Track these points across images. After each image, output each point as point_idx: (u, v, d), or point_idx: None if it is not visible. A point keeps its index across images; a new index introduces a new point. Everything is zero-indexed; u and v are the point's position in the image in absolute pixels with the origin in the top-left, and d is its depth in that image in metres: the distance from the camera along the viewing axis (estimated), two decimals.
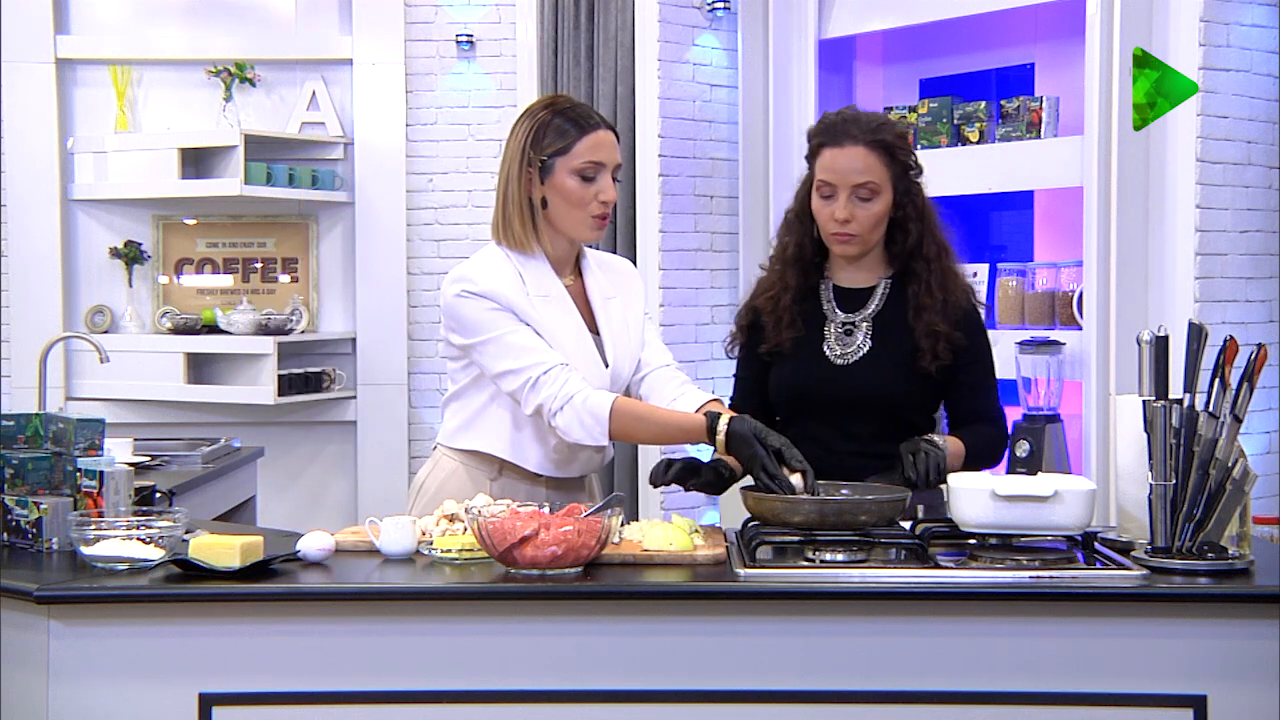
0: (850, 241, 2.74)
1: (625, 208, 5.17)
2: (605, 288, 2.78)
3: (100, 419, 2.65)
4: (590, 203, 2.64)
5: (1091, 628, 2.13)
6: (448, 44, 5.54)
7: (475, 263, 2.68)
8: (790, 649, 2.15)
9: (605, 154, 2.65)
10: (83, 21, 5.55)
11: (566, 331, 2.66)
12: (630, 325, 2.78)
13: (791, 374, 2.79)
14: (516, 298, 2.62)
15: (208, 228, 5.65)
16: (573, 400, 2.54)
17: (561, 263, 2.73)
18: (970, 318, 2.78)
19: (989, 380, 2.84)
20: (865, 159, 2.69)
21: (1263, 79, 4.15)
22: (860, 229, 2.72)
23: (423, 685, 2.15)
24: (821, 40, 4.98)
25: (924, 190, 2.79)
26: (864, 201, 2.71)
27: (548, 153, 2.63)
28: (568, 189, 2.63)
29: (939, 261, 2.76)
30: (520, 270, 2.66)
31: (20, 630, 2.18)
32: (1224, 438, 2.22)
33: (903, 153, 2.73)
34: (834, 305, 2.81)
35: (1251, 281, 4.15)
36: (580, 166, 2.63)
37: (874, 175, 2.70)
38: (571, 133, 2.63)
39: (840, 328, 2.79)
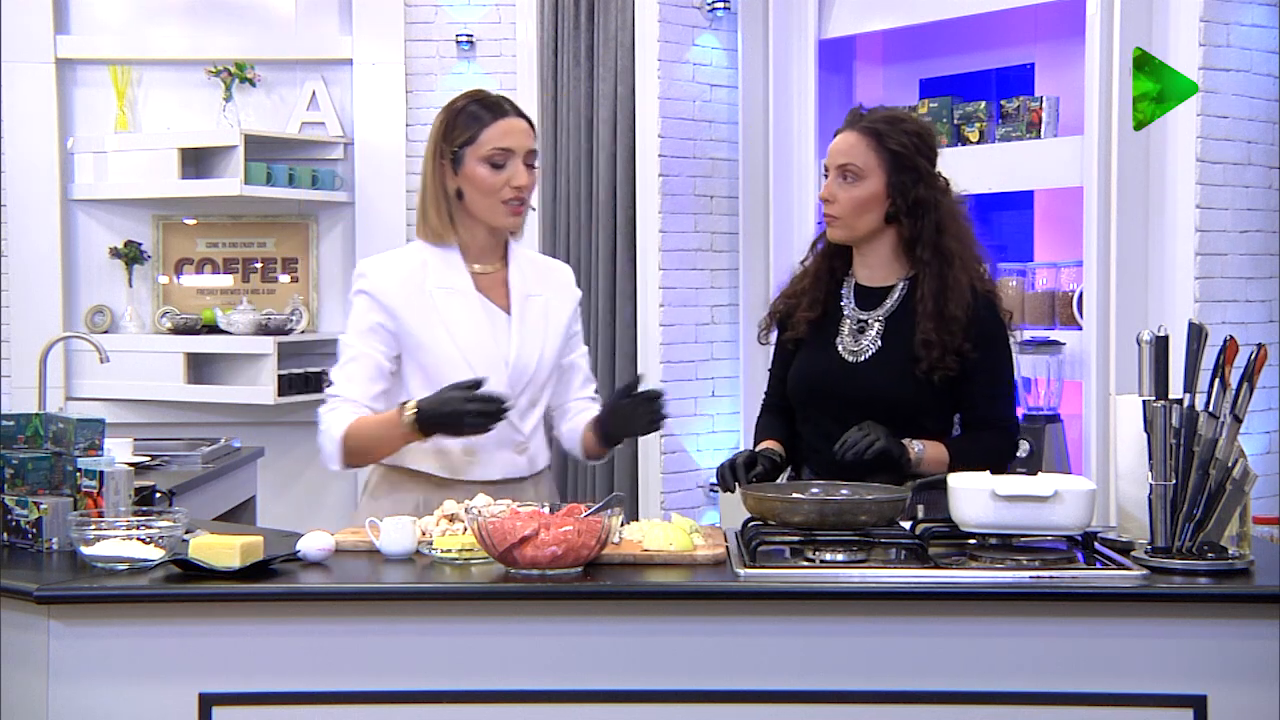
0: (834, 223, 2.79)
1: (625, 208, 5.17)
2: (531, 283, 2.79)
3: (100, 419, 2.65)
4: (502, 189, 2.68)
5: (1091, 628, 2.13)
6: (448, 44, 5.54)
7: (383, 255, 2.78)
8: (790, 649, 2.15)
9: (514, 140, 2.68)
10: (83, 21, 5.55)
11: (465, 325, 2.70)
12: (550, 327, 2.79)
13: (804, 366, 2.84)
14: (405, 295, 2.68)
15: (208, 228, 5.65)
16: (320, 428, 2.68)
17: (481, 252, 2.76)
18: (980, 326, 2.75)
19: (995, 389, 2.80)
20: (853, 141, 2.76)
21: (1263, 79, 4.15)
22: (841, 211, 2.76)
23: (423, 685, 2.15)
24: (821, 40, 4.98)
25: (933, 193, 2.78)
26: (846, 182, 2.75)
27: (458, 143, 2.68)
28: (478, 177, 2.68)
29: (938, 268, 2.75)
30: (429, 260, 2.72)
31: (20, 630, 2.18)
32: (1224, 438, 2.22)
33: (895, 141, 2.74)
34: (852, 302, 2.83)
35: (1251, 281, 4.15)
36: (489, 154, 2.67)
37: (856, 158, 2.74)
38: (481, 121, 2.68)
39: (855, 325, 2.80)
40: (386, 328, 2.69)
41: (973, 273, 2.78)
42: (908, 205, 2.75)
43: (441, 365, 2.67)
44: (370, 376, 2.69)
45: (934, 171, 2.80)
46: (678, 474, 5.14)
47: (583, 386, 2.90)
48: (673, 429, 5.08)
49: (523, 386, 2.72)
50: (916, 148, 2.77)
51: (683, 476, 5.17)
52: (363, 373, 2.69)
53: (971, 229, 2.85)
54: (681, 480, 5.16)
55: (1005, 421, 2.83)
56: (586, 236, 5.29)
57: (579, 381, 2.89)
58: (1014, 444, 2.87)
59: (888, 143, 2.74)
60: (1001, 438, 2.82)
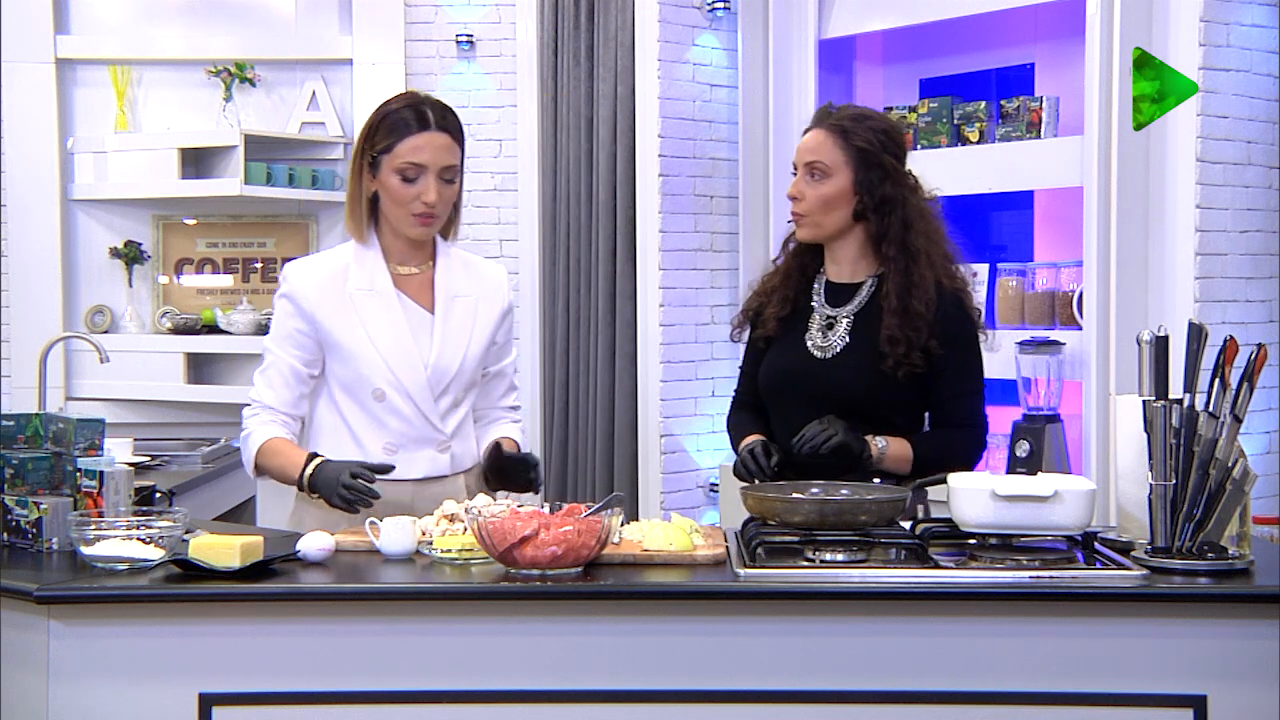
0: (801, 221, 2.80)
1: (625, 208, 5.17)
2: (459, 284, 2.80)
3: (100, 419, 2.65)
4: (411, 202, 2.69)
5: (1091, 628, 2.13)
6: (448, 44, 5.53)
7: (307, 259, 2.84)
8: (790, 649, 2.15)
9: (428, 156, 2.67)
10: (83, 21, 5.55)
11: (384, 327, 2.72)
12: (476, 328, 2.80)
13: (774, 362, 2.85)
14: (324, 298, 2.72)
15: (208, 228, 5.65)
16: (242, 435, 2.76)
17: (404, 254, 2.78)
18: (948, 323, 2.74)
19: (962, 386, 2.79)
20: (820, 139, 2.78)
21: (1263, 79, 4.14)
22: (808, 209, 2.77)
23: (423, 685, 2.15)
24: (821, 40, 4.98)
25: (900, 190, 2.77)
26: (813, 180, 2.76)
27: (377, 149, 2.70)
28: (390, 187, 2.69)
29: (904, 264, 2.74)
30: (351, 262, 2.75)
31: (20, 630, 2.18)
32: (1224, 438, 2.22)
33: (861, 139, 2.74)
34: (822, 299, 2.84)
35: (1251, 281, 4.15)
36: (400, 166, 2.67)
37: (823, 155, 2.75)
38: (397, 132, 2.68)
39: (824, 321, 2.81)
40: (304, 333, 2.73)
41: (940, 270, 2.77)
42: (875, 202, 2.75)
43: (361, 367, 2.71)
44: (287, 383, 2.74)
45: (901, 169, 2.80)
46: (678, 474, 5.14)
47: (503, 397, 2.93)
48: (673, 429, 5.09)
49: (444, 387, 2.74)
50: (883, 145, 2.77)
51: (683, 476, 5.17)
52: (280, 380, 2.74)
53: (942, 227, 2.85)
54: (681, 480, 5.16)
55: (973, 420, 2.82)
56: (586, 236, 5.29)
57: (500, 391, 2.92)
58: (981, 443, 2.84)
59: (854, 140, 2.74)
60: (968, 436, 2.81)
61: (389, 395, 2.71)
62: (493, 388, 2.90)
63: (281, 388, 2.74)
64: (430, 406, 2.73)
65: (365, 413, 2.73)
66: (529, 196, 5.46)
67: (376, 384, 2.71)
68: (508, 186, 5.51)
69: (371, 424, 2.73)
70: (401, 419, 2.72)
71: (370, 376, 2.70)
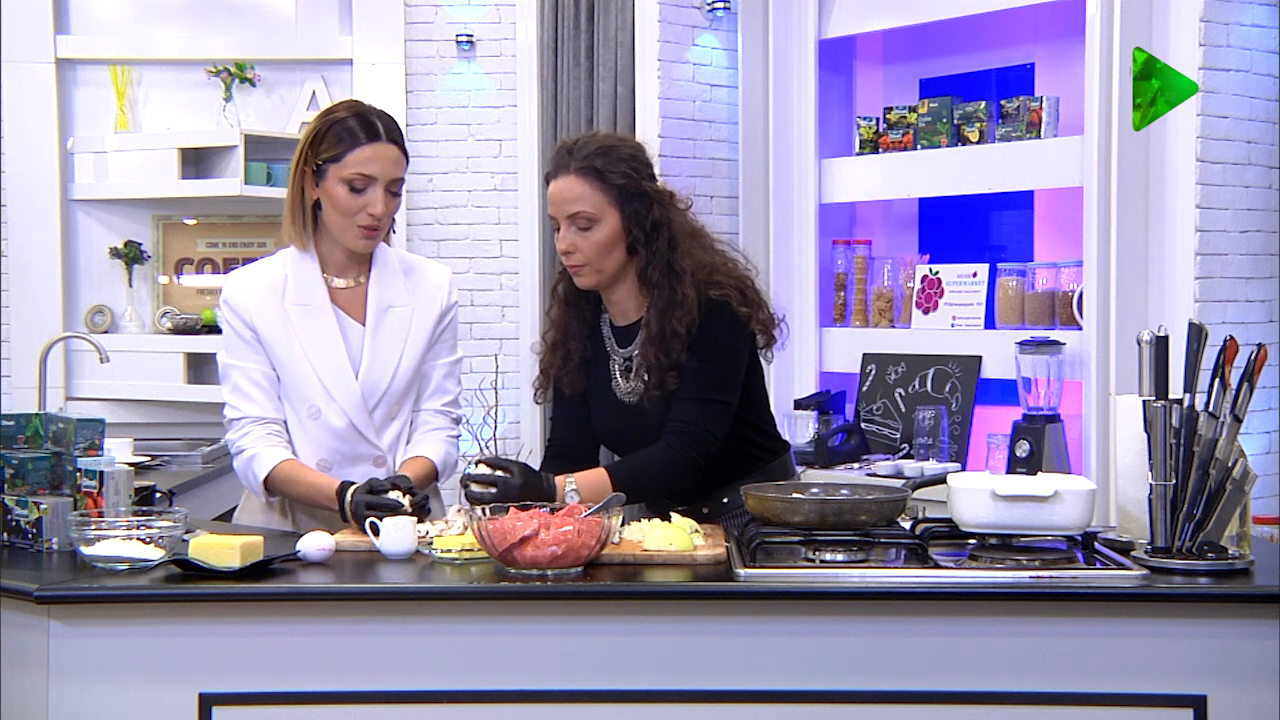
0: (581, 272, 2.67)
1: None
2: (393, 294, 2.77)
3: (100, 419, 2.65)
4: (358, 213, 2.66)
5: (1091, 628, 2.13)
6: (448, 44, 5.53)
7: (247, 269, 2.80)
8: (790, 649, 2.15)
9: (377, 168, 2.65)
10: (83, 21, 5.55)
11: (318, 342, 2.70)
12: (410, 338, 2.76)
13: (597, 415, 2.78)
14: (262, 312, 2.70)
15: (208, 228, 5.64)
16: (243, 454, 2.70)
17: (341, 265, 2.76)
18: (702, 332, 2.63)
19: (695, 392, 2.63)
20: (577, 188, 2.63)
21: (1263, 79, 4.15)
22: (586, 259, 2.65)
23: (423, 685, 2.15)
24: (821, 40, 4.98)
25: (665, 212, 2.68)
26: (583, 231, 2.64)
27: (323, 157, 2.67)
28: (336, 196, 2.66)
29: (667, 286, 2.64)
30: (290, 273, 2.73)
31: (20, 630, 2.18)
32: (1224, 438, 2.22)
33: (616, 175, 2.63)
34: (614, 343, 2.76)
35: (1251, 281, 4.15)
36: (349, 176, 2.65)
37: (587, 204, 2.62)
38: (346, 141, 2.65)
39: (622, 365, 2.74)
40: (256, 340, 2.71)
41: (706, 283, 2.66)
42: (645, 233, 2.66)
43: (298, 382, 2.71)
44: (262, 389, 2.72)
45: (659, 189, 2.70)
46: None
47: (430, 398, 2.82)
48: None
49: (376, 401, 2.73)
50: (637, 172, 2.66)
51: None
52: (254, 388, 2.71)
53: (705, 233, 2.76)
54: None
55: (690, 426, 2.62)
56: None
57: (427, 392, 2.82)
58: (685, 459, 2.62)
59: (611, 179, 2.63)
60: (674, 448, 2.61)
61: (324, 412, 2.70)
62: (420, 388, 2.81)
63: (260, 396, 2.72)
64: (364, 421, 2.72)
65: (301, 427, 2.72)
66: (529, 196, 5.46)
67: (311, 401, 2.70)
68: (508, 186, 5.51)
69: (307, 439, 2.72)
70: (335, 435, 2.71)
71: (306, 394, 2.70)
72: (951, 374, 4.52)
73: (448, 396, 2.85)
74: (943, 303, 4.63)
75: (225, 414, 2.75)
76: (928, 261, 4.75)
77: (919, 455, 4.48)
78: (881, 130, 4.82)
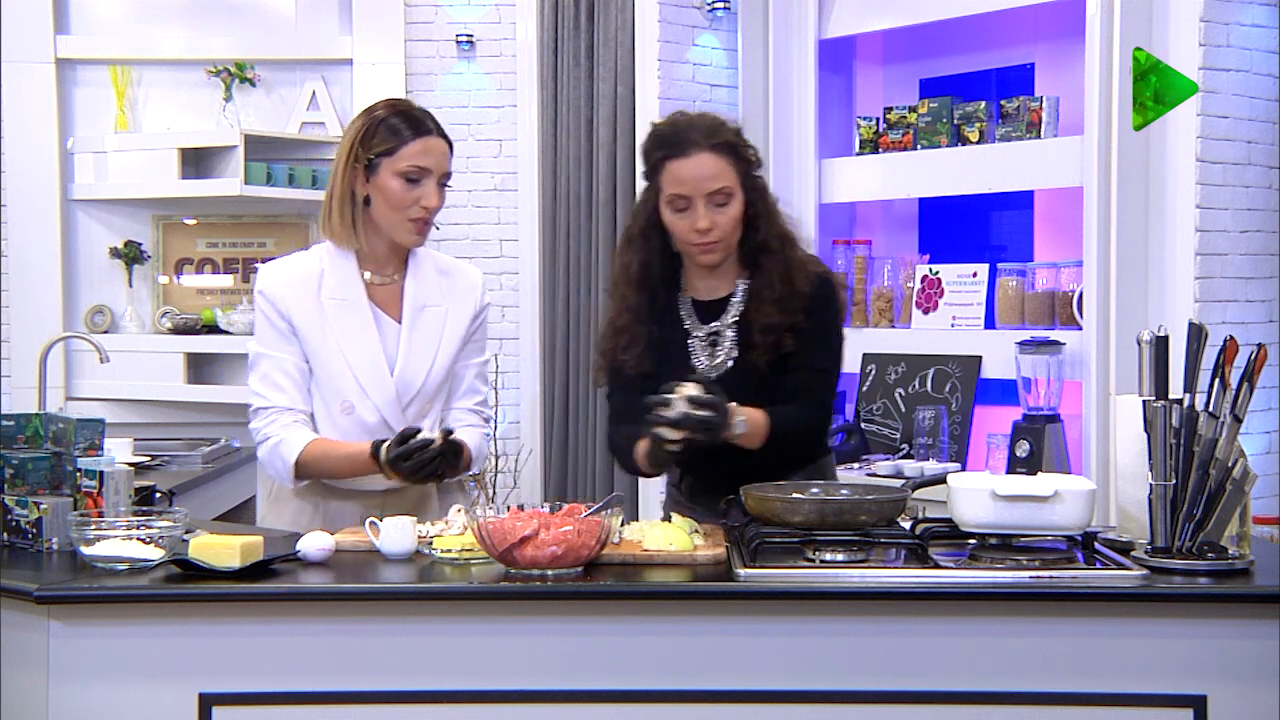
0: (713, 249, 2.67)
1: (625, 208, 5.17)
2: (429, 293, 2.78)
3: (100, 419, 2.65)
4: (411, 206, 2.67)
5: (1091, 628, 2.13)
6: (448, 44, 5.54)
7: (282, 261, 2.78)
8: (790, 649, 2.15)
9: (432, 160, 2.67)
10: (83, 21, 5.55)
11: (354, 337, 2.70)
12: (445, 337, 2.77)
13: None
14: (299, 305, 2.69)
15: (208, 228, 5.65)
16: (268, 441, 2.68)
17: (381, 261, 2.75)
18: (818, 301, 2.69)
19: (820, 363, 2.70)
20: (714, 164, 2.63)
21: (1263, 79, 4.15)
22: (721, 235, 2.66)
23: (423, 685, 2.15)
24: (821, 40, 4.98)
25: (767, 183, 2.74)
26: (720, 207, 2.64)
27: (375, 151, 2.67)
28: (390, 190, 2.66)
29: (783, 252, 2.70)
30: (326, 268, 2.72)
31: (20, 630, 2.18)
32: (1224, 438, 2.22)
33: (745, 149, 2.69)
34: (695, 319, 2.75)
35: (1251, 281, 4.15)
36: (405, 169, 2.66)
37: (725, 179, 2.63)
38: (401, 135, 2.66)
39: (705, 340, 2.74)
40: (290, 331, 2.70)
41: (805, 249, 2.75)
42: (764, 207, 2.70)
43: (332, 376, 2.70)
44: (292, 380, 2.71)
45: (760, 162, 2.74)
46: None
47: (462, 397, 2.83)
48: None
49: (410, 398, 2.73)
50: (750, 145, 2.71)
51: None
52: (284, 378, 2.70)
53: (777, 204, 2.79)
54: None
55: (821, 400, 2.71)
56: (586, 236, 5.29)
57: (459, 391, 2.83)
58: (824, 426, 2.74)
59: (743, 153, 2.67)
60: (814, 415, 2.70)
61: (357, 408, 2.70)
62: (452, 388, 2.82)
63: (290, 387, 2.71)
64: (397, 418, 2.71)
65: (331, 422, 2.72)
66: (529, 196, 5.46)
67: (345, 396, 2.70)
68: (508, 186, 5.52)
69: (337, 434, 2.71)
70: (367, 431, 2.70)
71: (340, 389, 2.70)
72: (951, 374, 4.52)
73: (479, 396, 2.87)
74: (943, 303, 4.63)
75: (251, 403, 2.73)
76: (928, 261, 4.75)
77: (919, 455, 4.48)
78: (881, 130, 4.82)
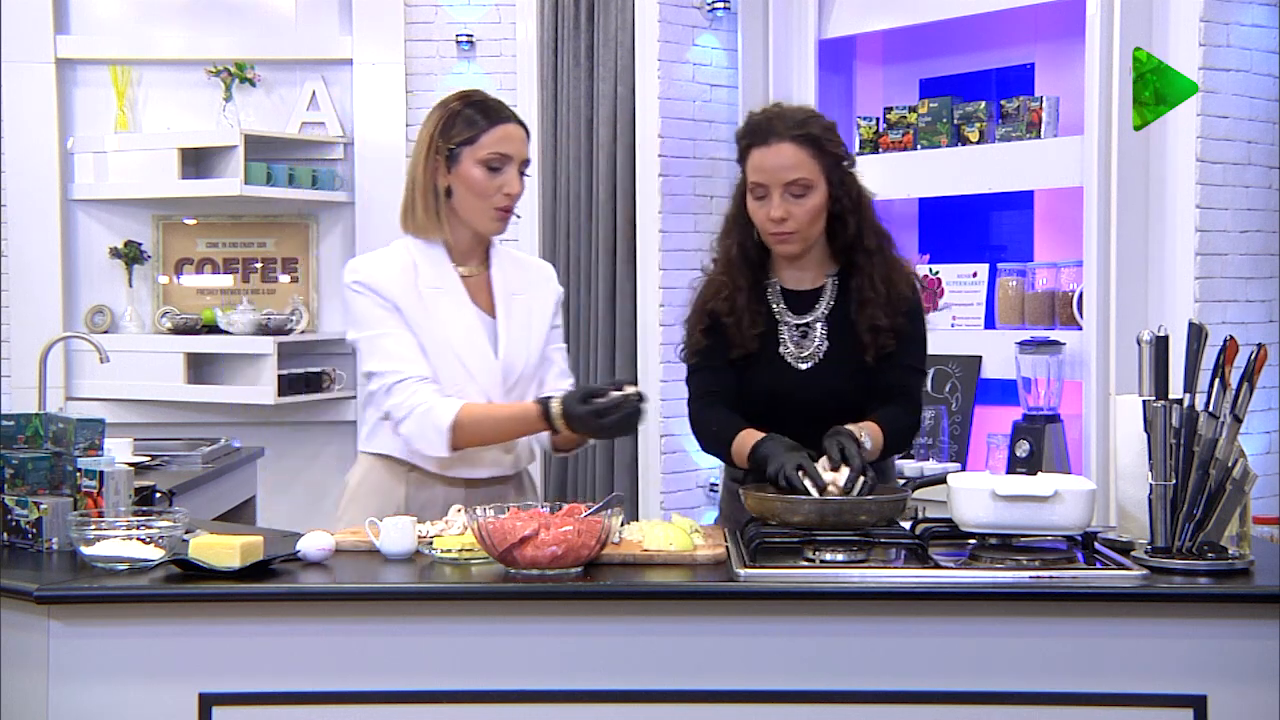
0: (789, 240, 2.71)
1: (625, 208, 5.17)
2: (512, 282, 2.79)
3: (100, 419, 2.65)
4: (494, 194, 2.68)
5: (1091, 628, 2.13)
6: (448, 44, 5.53)
7: (374, 254, 2.74)
8: (790, 649, 2.15)
9: (512, 147, 2.68)
10: (83, 21, 5.55)
11: (456, 323, 2.68)
12: (534, 323, 2.78)
13: (757, 380, 2.76)
14: (402, 292, 2.66)
15: (208, 228, 5.65)
16: (415, 411, 2.59)
17: (465, 253, 2.75)
18: (913, 305, 2.76)
19: (917, 363, 2.78)
20: (793, 155, 2.67)
21: (1263, 79, 4.15)
22: (798, 226, 2.69)
23: (423, 685, 2.15)
24: (821, 40, 4.98)
25: (859, 180, 2.76)
26: (797, 198, 2.68)
27: (455, 142, 2.67)
28: (472, 179, 2.67)
29: (880, 253, 2.73)
30: (418, 260, 2.70)
31: (20, 630, 2.18)
32: (1224, 438, 2.22)
33: (831, 144, 2.70)
34: (785, 308, 2.78)
35: (1251, 281, 4.15)
36: (486, 157, 2.66)
37: (804, 171, 2.67)
38: (480, 123, 2.67)
39: (795, 330, 2.76)
40: (396, 312, 2.66)
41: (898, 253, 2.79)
42: (852, 204, 2.72)
43: (438, 363, 2.66)
44: (416, 351, 2.63)
45: (851, 157, 2.77)
46: (678, 474, 5.14)
47: (558, 379, 2.84)
48: (672, 429, 5.08)
49: (513, 381, 2.72)
50: (841, 141, 2.74)
51: (683, 476, 5.17)
52: (409, 348, 2.63)
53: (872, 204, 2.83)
54: (681, 480, 5.16)
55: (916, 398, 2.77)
56: (586, 236, 5.29)
57: (554, 375, 2.83)
58: (918, 424, 2.81)
59: (827, 147, 2.69)
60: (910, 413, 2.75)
61: (465, 393, 2.65)
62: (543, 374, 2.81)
63: (417, 357, 2.63)
64: (503, 401, 2.69)
65: None
66: (529, 196, 5.43)
67: (454, 381, 2.65)
68: None
69: None
70: None
71: (448, 375, 2.65)
72: (951, 374, 4.52)
73: (571, 378, 2.88)
74: (943, 303, 4.63)
75: (381, 381, 2.63)
76: (928, 261, 4.75)
77: (919, 455, 4.48)
78: (881, 130, 4.82)
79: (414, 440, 2.62)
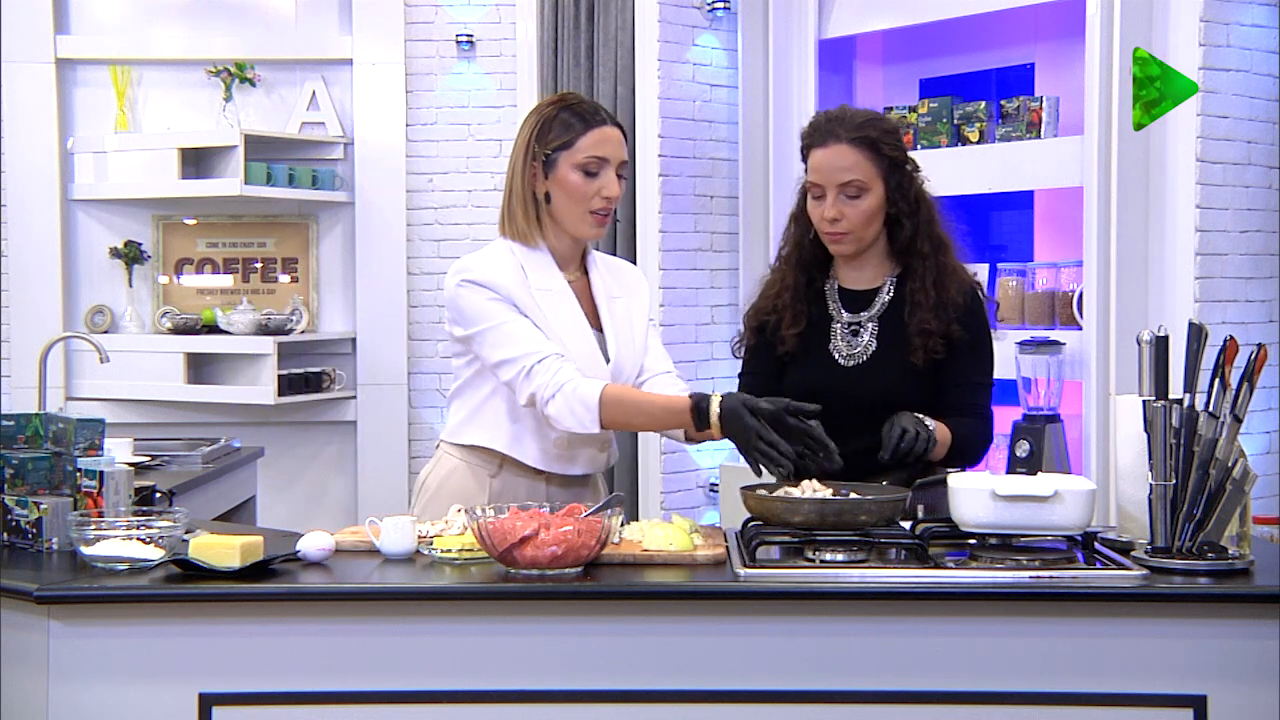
0: (843, 240, 2.74)
1: (625, 208, 5.17)
2: (610, 286, 2.78)
3: (100, 419, 2.65)
4: (592, 198, 2.64)
5: (1091, 628, 2.13)
6: (448, 44, 5.54)
7: (478, 255, 2.69)
8: (790, 649, 2.15)
9: (609, 150, 2.65)
10: (83, 21, 5.55)
11: (567, 325, 2.66)
12: (635, 325, 2.78)
13: (801, 376, 2.79)
14: (516, 289, 2.62)
15: (208, 228, 5.65)
16: (563, 389, 2.53)
17: (565, 258, 2.73)
18: (970, 313, 2.76)
19: (980, 377, 2.79)
20: (850, 156, 2.70)
21: (1263, 79, 4.15)
22: (851, 226, 2.72)
23: (423, 685, 2.15)
24: (821, 40, 4.98)
25: (920, 185, 2.78)
26: (852, 199, 2.71)
27: (552, 147, 2.64)
28: (570, 183, 2.64)
29: (935, 258, 2.75)
30: (523, 264, 2.66)
31: (20, 630, 2.18)
32: (1224, 438, 2.22)
33: (890, 147, 2.71)
34: (840, 306, 2.81)
35: (1251, 281, 4.15)
36: (583, 161, 2.63)
37: (859, 173, 2.69)
38: (576, 127, 2.64)
39: (846, 328, 2.79)
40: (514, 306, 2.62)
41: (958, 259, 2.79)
42: (909, 207, 2.75)
43: None
44: (540, 334, 2.59)
45: (914, 164, 2.78)
46: (678, 474, 5.15)
47: (660, 361, 2.81)
48: None
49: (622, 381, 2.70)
50: (902, 145, 2.76)
51: (683, 476, 5.17)
52: (534, 333, 2.59)
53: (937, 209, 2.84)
54: (681, 480, 5.16)
55: (984, 411, 2.79)
56: None
57: (654, 358, 2.81)
58: (990, 436, 2.81)
59: (884, 150, 2.71)
60: (981, 427, 2.78)
61: None
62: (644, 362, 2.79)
63: (542, 338, 2.58)
64: None
65: None
66: None
67: None
68: None
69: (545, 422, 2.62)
70: None
71: None
72: None
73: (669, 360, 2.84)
74: None
75: (519, 366, 2.56)
76: None
77: None
78: None
79: (562, 419, 2.55)
